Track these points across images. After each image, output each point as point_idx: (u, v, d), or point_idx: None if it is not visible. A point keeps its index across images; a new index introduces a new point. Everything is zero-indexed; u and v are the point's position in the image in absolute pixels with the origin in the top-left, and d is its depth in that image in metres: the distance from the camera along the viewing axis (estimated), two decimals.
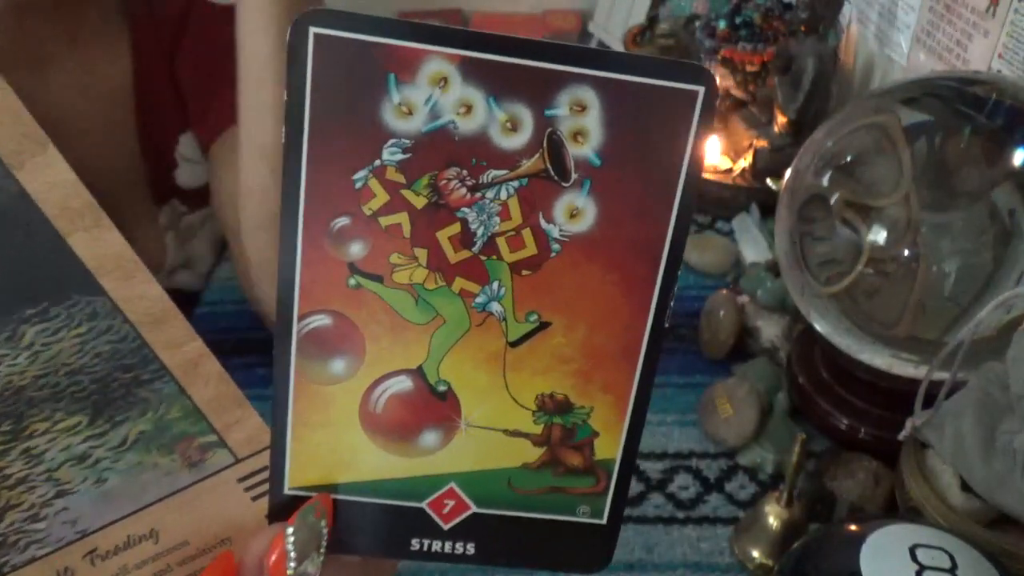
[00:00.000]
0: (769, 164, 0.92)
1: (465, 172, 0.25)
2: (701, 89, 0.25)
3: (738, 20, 0.98)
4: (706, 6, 1.04)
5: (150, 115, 0.74)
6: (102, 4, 0.70)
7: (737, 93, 0.99)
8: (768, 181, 0.91)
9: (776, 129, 0.95)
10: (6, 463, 0.28)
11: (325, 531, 0.27)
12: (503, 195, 0.25)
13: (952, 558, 0.41)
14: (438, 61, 0.24)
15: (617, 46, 1.24)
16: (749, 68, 0.98)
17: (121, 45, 0.71)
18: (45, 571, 0.29)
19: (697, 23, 1.02)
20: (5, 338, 0.27)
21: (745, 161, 0.95)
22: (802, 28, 0.95)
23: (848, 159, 0.63)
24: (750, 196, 0.93)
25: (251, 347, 0.72)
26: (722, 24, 0.99)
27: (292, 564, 0.26)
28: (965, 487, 0.50)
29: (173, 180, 0.77)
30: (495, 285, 0.26)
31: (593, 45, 1.34)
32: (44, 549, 0.29)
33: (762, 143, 0.94)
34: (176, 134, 0.75)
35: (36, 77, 0.67)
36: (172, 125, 0.74)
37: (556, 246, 0.26)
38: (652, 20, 1.16)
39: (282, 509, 0.28)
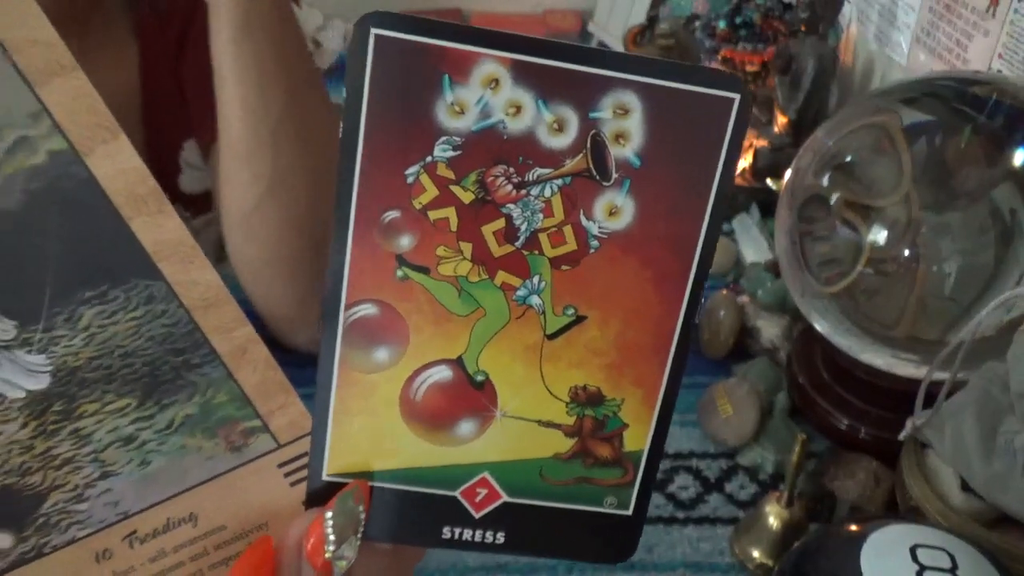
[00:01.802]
0: (769, 164, 0.92)
1: (512, 170, 0.26)
2: (737, 97, 0.26)
3: (738, 20, 0.98)
4: (706, 6, 1.04)
5: (156, 121, 0.74)
6: (107, 10, 0.70)
7: None
8: (768, 181, 0.91)
9: (776, 129, 0.95)
10: (55, 443, 0.28)
11: (363, 517, 0.28)
12: (547, 192, 0.26)
13: (952, 558, 0.41)
14: (491, 63, 0.25)
15: (617, 46, 1.24)
16: (749, 68, 0.98)
17: (128, 51, 0.71)
18: (84, 553, 0.30)
19: (697, 23, 1.02)
20: (64, 319, 0.27)
21: (745, 161, 0.95)
22: (802, 28, 0.95)
23: (848, 159, 0.63)
24: (750, 196, 0.93)
25: None
26: (722, 24, 0.99)
27: (331, 548, 0.27)
28: (965, 487, 0.50)
29: (177, 186, 0.77)
30: (535, 279, 0.27)
31: (593, 45, 1.34)
32: (85, 530, 0.30)
33: (762, 143, 0.94)
34: (181, 140, 0.75)
35: None
36: (177, 131, 0.74)
37: (595, 242, 0.27)
38: (652, 20, 1.16)
39: (319, 495, 0.29)
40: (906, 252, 0.59)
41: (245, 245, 0.63)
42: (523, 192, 0.26)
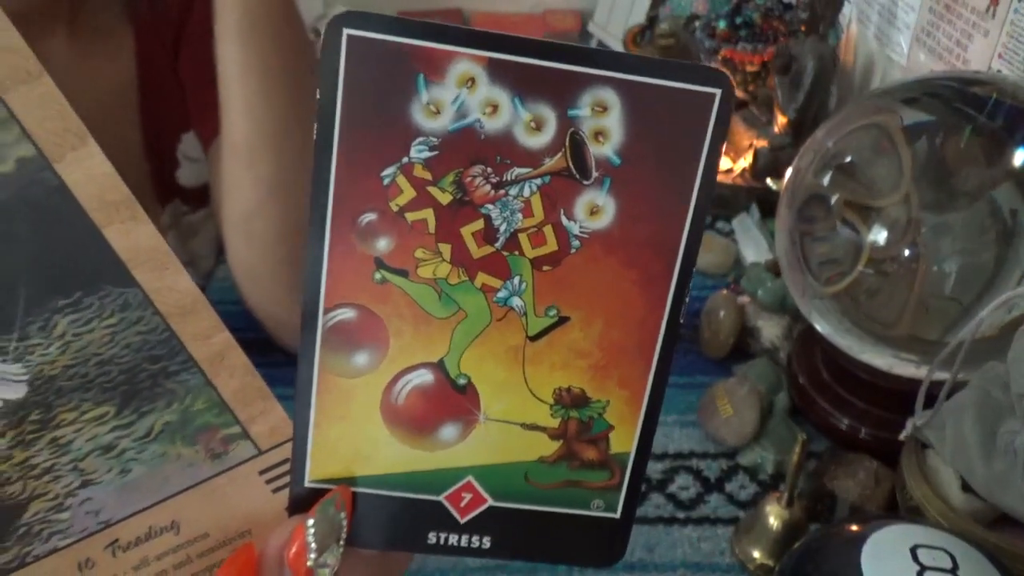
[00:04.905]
0: (769, 164, 0.92)
1: (490, 170, 0.26)
2: (718, 92, 0.25)
3: (738, 20, 0.98)
4: (706, 6, 1.04)
5: (154, 113, 0.73)
6: (101, 1, 0.70)
7: (737, 93, 0.99)
8: (768, 181, 0.91)
9: (776, 129, 0.95)
10: (33, 452, 0.28)
11: (344, 523, 0.28)
12: (526, 192, 0.26)
13: (953, 558, 0.41)
14: (466, 62, 0.25)
15: (617, 46, 1.24)
16: (749, 68, 0.98)
17: (124, 41, 0.71)
18: (66, 562, 0.30)
19: (697, 23, 1.02)
20: (38, 328, 0.27)
21: (745, 161, 0.95)
22: (802, 28, 0.95)
23: (848, 159, 0.63)
24: (750, 196, 0.93)
25: (250, 347, 0.72)
26: (722, 24, 0.99)
27: (312, 556, 0.27)
28: (966, 487, 0.50)
29: (175, 180, 0.77)
30: (516, 280, 0.27)
31: (593, 45, 1.34)
32: (67, 540, 0.29)
33: (762, 143, 0.94)
34: (179, 133, 0.75)
35: None
36: (175, 124, 0.74)
37: (576, 242, 0.26)
38: (652, 20, 1.16)
39: (302, 502, 0.28)
40: (906, 252, 0.59)
41: (245, 248, 0.63)
42: (501, 192, 0.26)
